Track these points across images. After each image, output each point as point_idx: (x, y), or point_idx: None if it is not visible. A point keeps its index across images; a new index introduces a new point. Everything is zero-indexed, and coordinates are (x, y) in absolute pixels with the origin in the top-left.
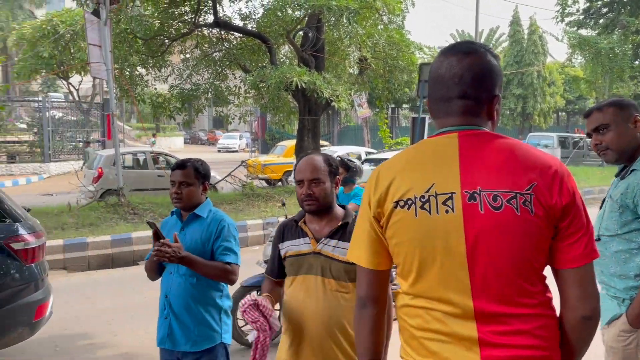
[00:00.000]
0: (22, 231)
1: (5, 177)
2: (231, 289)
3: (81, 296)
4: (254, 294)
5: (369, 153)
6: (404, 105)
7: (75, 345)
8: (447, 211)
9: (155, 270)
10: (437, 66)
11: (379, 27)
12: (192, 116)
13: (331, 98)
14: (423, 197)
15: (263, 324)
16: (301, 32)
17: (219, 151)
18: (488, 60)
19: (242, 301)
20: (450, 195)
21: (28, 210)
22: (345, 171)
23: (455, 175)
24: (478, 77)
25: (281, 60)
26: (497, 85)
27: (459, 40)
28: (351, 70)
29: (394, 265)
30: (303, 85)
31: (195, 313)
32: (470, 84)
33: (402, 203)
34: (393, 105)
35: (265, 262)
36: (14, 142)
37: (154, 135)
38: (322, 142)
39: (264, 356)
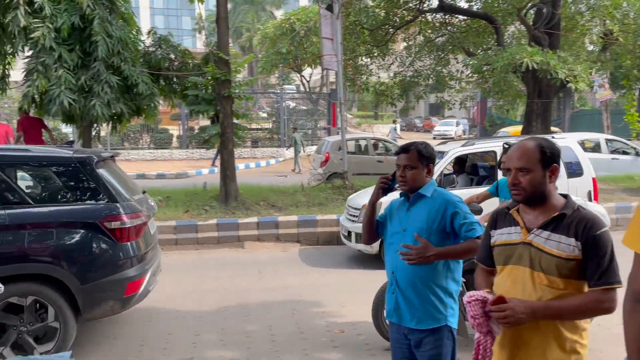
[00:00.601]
0: (118, 211)
1: (250, 159)
2: None
3: (312, 268)
4: (486, 291)
5: (610, 141)
6: None
7: (309, 311)
8: None
9: (370, 220)
10: None
11: None
12: (412, 103)
13: (567, 79)
14: None
15: (481, 324)
16: (532, 10)
17: (434, 138)
18: None
19: (471, 292)
20: None
21: (143, 192)
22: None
23: None
24: None
25: (507, 41)
26: None
27: None
28: (591, 47)
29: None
30: (535, 66)
31: (421, 292)
32: None
33: None
34: None
35: None
36: (257, 129)
37: (394, 122)
38: (552, 128)
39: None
